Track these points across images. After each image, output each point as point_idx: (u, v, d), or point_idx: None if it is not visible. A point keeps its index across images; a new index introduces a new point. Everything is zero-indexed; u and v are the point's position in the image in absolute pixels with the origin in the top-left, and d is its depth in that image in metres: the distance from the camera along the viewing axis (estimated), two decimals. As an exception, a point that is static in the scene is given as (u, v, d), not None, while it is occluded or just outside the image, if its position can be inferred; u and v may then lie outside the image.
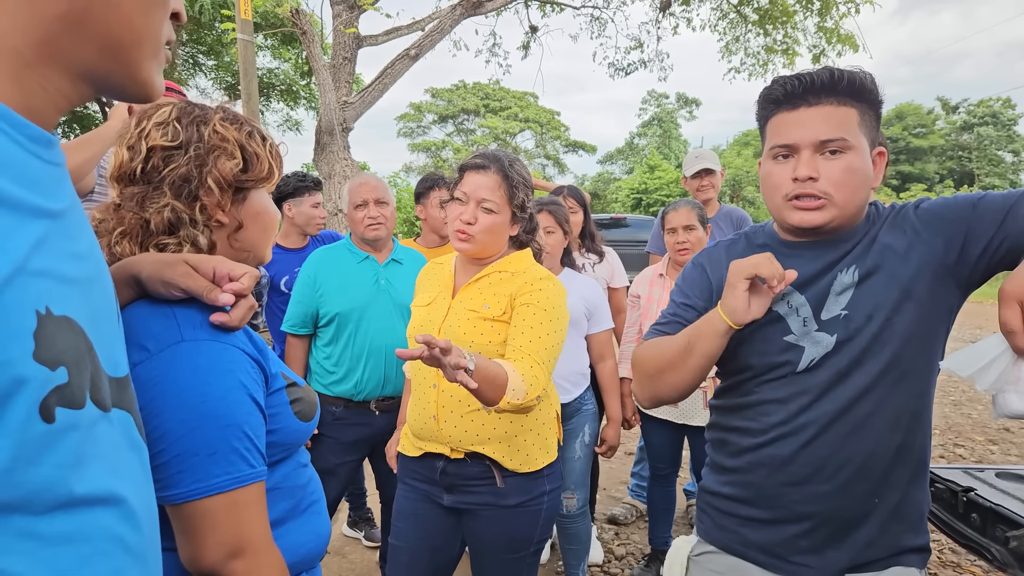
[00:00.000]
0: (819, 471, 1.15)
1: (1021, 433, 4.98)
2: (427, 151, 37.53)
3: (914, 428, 1.15)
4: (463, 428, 1.57)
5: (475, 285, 1.63)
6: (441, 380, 1.57)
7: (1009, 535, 1.77)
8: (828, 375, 1.14)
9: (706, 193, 3.33)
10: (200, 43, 12.89)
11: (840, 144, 1.09)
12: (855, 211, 1.14)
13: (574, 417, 2.38)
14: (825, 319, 1.14)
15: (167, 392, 0.78)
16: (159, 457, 0.77)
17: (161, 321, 0.82)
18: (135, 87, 0.55)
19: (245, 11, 5.36)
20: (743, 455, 1.24)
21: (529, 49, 9.51)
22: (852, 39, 8.28)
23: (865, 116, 1.12)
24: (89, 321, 0.48)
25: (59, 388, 0.43)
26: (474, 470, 1.60)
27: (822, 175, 1.10)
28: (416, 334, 1.38)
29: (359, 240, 2.41)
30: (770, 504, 1.21)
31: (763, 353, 1.19)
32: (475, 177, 1.59)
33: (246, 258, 0.99)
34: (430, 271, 1.79)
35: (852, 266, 1.14)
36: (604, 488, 3.78)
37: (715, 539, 1.30)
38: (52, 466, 0.43)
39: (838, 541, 1.17)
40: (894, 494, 1.16)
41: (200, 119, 0.93)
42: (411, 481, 1.72)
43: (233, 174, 0.92)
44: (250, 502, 0.81)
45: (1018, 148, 40.99)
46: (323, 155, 6.13)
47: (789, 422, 1.16)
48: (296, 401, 0.97)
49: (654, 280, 2.68)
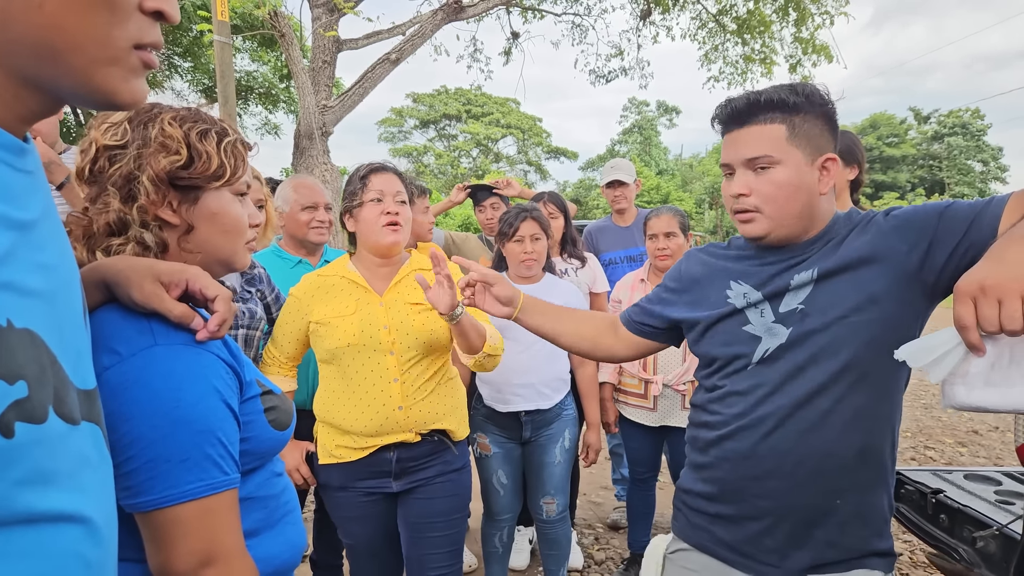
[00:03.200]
0: (778, 466, 1.17)
1: (990, 436, 5.10)
2: (408, 156, 37.41)
3: (877, 432, 1.17)
4: (427, 410, 1.75)
5: (400, 284, 1.80)
6: (403, 373, 1.72)
7: (976, 535, 1.81)
8: (786, 368, 1.17)
9: (619, 203, 3.42)
10: (176, 44, 12.71)
11: (766, 160, 1.16)
12: (794, 220, 1.18)
13: (554, 422, 2.38)
14: (783, 312, 1.19)
15: (139, 397, 0.76)
16: (129, 463, 0.75)
17: (133, 325, 0.80)
18: (94, 95, 0.51)
19: (222, 12, 5.30)
20: (709, 449, 1.28)
21: (511, 55, 9.53)
22: (827, 49, 8.45)
23: (800, 128, 1.16)
24: (54, 333, 0.47)
25: (18, 402, 0.42)
26: (424, 448, 1.78)
27: (753, 190, 1.18)
28: (350, 340, 1.70)
29: (292, 243, 2.35)
30: (734, 499, 1.24)
31: (724, 344, 1.26)
32: (382, 176, 1.77)
33: (201, 261, 0.95)
34: (320, 284, 1.82)
35: (813, 267, 1.17)
36: (584, 493, 3.79)
37: (687, 537, 1.34)
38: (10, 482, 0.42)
39: (800, 540, 1.20)
40: (856, 496, 1.18)
41: (149, 119, 0.91)
42: (354, 484, 1.78)
43: (168, 170, 0.88)
44: (223, 510, 0.80)
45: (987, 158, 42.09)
46: (302, 159, 6.08)
47: (748, 414, 1.20)
48: (271, 409, 0.95)
49: (635, 285, 2.70)
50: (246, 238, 1.01)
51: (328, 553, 2.48)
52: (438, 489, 1.79)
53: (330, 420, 1.77)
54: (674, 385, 2.52)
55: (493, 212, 3.21)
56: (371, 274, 1.81)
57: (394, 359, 1.72)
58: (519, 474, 2.44)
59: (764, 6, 8.28)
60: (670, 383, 2.52)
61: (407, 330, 1.72)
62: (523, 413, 2.33)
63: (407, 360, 1.73)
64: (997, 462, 4.51)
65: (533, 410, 2.33)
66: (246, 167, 0.99)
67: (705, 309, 1.30)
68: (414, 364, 1.74)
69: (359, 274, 1.80)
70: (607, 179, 3.41)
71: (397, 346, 1.72)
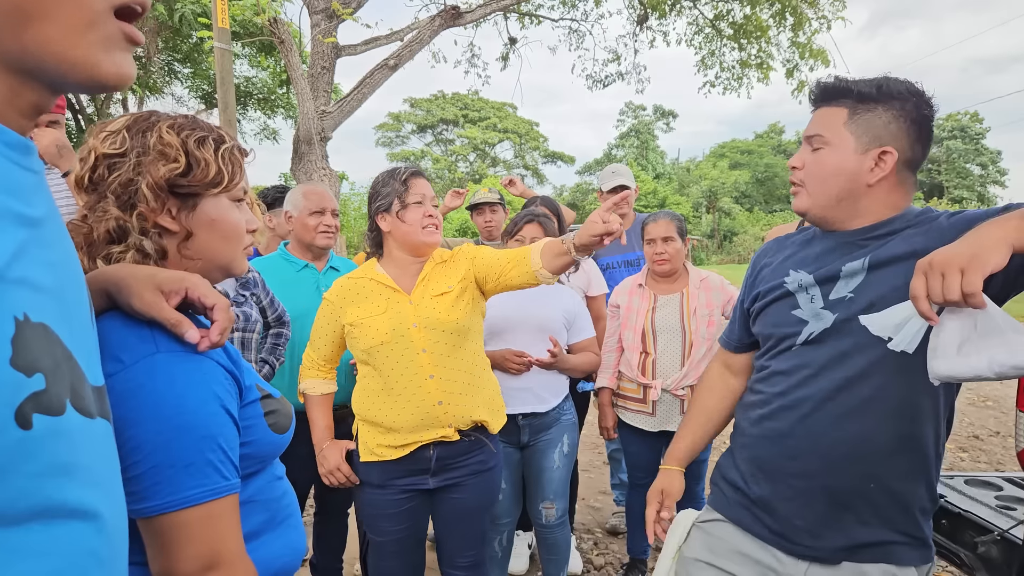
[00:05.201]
0: (813, 447, 1.20)
1: (991, 441, 5.09)
2: (406, 160, 37.46)
3: (919, 423, 1.18)
4: (465, 403, 1.82)
5: (426, 280, 1.88)
6: (437, 368, 1.79)
7: (977, 540, 1.81)
8: (830, 353, 1.20)
9: (621, 208, 3.35)
10: (176, 51, 12.74)
11: (819, 140, 1.24)
12: (833, 202, 1.23)
13: (553, 427, 2.38)
14: (832, 299, 1.22)
15: (143, 404, 0.77)
16: (133, 469, 0.75)
17: (135, 332, 0.80)
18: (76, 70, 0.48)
19: (223, 20, 5.32)
20: (750, 429, 1.34)
21: (508, 60, 9.55)
22: (824, 54, 8.46)
23: (861, 116, 1.20)
24: (66, 329, 0.47)
25: (36, 394, 0.42)
26: (463, 446, 1.85)
27: (804, 166, 1.27)
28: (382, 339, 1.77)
29: (300, 247, 2.39)
30: (771, 478, 1.28)
31: (774, 325, 1.32)
32: (420, 180, 1.86)
33: (201, 267, 0.96)
34: (351, 288, 1.89)
35: (866, 256, 1.20)
36: (583, 498, 3.78)
37: (724, 511, 1.39)
38: (29, 475, 0.42)
39: (831, 521, 1.22)
40: (891, 482, 1.19)
41: (147, 127, 0.91)
42: (393, 482, 1.84)
43: (167, 178, 0.89)
44: (224, 514, 0.80)
45: (986, 161, 42.21)
46: (301, 164, 6.08)
47: (788, 394, 1.25)
48: (271, 413, 0.96)
49: (633, 290, 2.70)
50: (244, 244, 1.02)
51: (327, 556, 2.48)
52: (471, 488, 1.89)
53: (371, 418, 1.83)
54: (672, 390, 2.52)
55: (492, 215, 3.21)
56: (400, 272, 1.89)
57: (427, 356, 1.79)
58: (518, 479, 2.44)
59: (761, 11, 8.30)
60: (669, 388, 2.52)
61: (434, 324, 1.80)
62: (521, 416, 2.32)
63: (440, 356, 1.80)
64: (998, 467, 4.50)
65: (530, 413, 2.33)
66: (243, 173, 1.00)
67: (765, 283, 1.37)
68: (446, 358, 1.81)
69: (387, 275, 1.88)
70: (611, 184, 3.37)
71: (428, 343, 1.79)
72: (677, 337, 2.55)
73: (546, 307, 2.39)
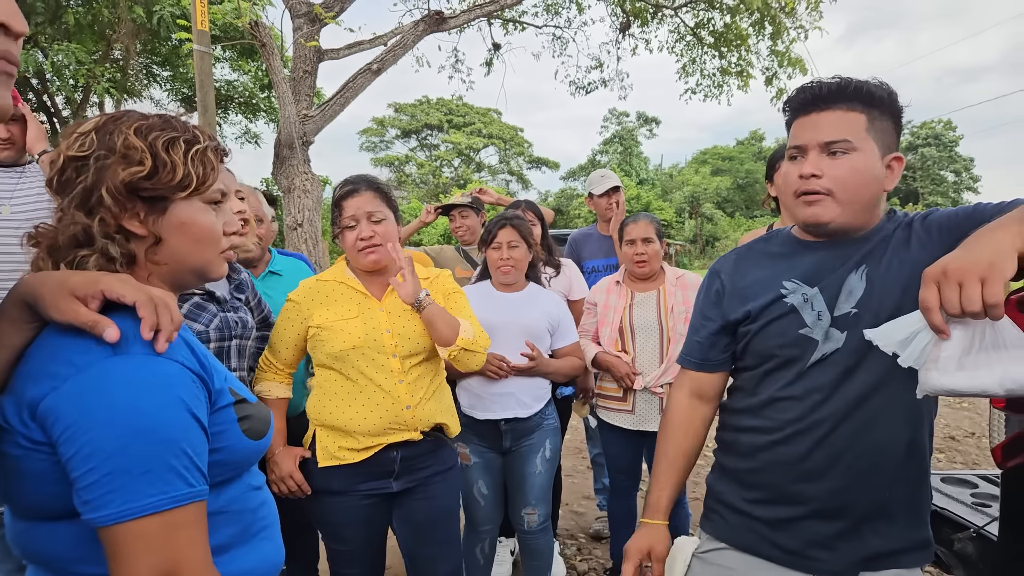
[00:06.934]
0: (833, 465, 1.19)
1: (966, 442, 5.17)
2: (390, 165, 37.34)
3: (920, 425, 1.20)
4: (431, 407, 1.83)
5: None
6: (406, 374, 1.79)
7: (954, 537, 1.84)
8: (836, 372, 1.18)
9: (613, 211, 3.36)
10: (155, 53, 12.57)
11: (844, 145, 1.16)
12: (861, 209, 1.19)
13: (535, 432, 2.37)
14: (837, 315, 1.19)
15: (96, 407, 0.73)
16: (88, 476, 0.72)
17: (86, 336, 0.77)
18: None
19: (202, 22, 5.26)
20: (757, 454, 1.27)
21: (492, 66, 9.56)
22: (802, 63, 8.59)
23: (877, 122, 1.17)
24: None
25: None
26: (425, 446, 1.84)
27: (825, 173, 1.17)
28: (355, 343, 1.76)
29: None
30: (787, 501, 1.24)
31: (779, 345, 1.24)
32: (353, 200, 1.79)
33: (172, 272, 0.93)
34: (319, 290, 1.86)
35: (863, 266, 1.19)
36: (566, 503, 3.77)
37: (727, 537, 1.32)
38: None
39: (848, 534, 1.21)
40: (903, 487, 1.20)
41: (115, 128, 0.88)
42: (355, 487, 1.80)
43: (127, 182, 0.86)
44: (188, 523, 0.76)
45: (959, 168, 43.08)
46: (282, 169, 6.02)
47: (804, 418, 1.21)
48: (245, 418, 0.93)
49: (611, 288, 2.72)
50: (221, 247, 0.98)
51: (300, 568, 2.43)
52: (438, 488, 1.87)
53: (331, 423, 1.79)
54: (652, 387, 2.53)
55: (462, 220, 3.26)
56: (367, 281, 1.87)
57: (397, 362, 1.78)
58: (500, 485, 2.42)
59: (741, 20, 8.41)
60: (648, 384, 2.53)
61: (408, 334, 1.80)
62: (503, 422, 2.31)
63: (410, 362, 1.79)
64: (973, 468, 4.57)
65: (513, 419, 2.32)
66: (216, 174, 0.96)
67: (758, 299, 1.28)
68: (416, 366, 1.81)
69: (357, 280, 1.86)
70: (604, 187, 3.38)
71: (400, 349, 1.78)
72: (655, 334, 2.57)
73: (529, 312, 2.39)
